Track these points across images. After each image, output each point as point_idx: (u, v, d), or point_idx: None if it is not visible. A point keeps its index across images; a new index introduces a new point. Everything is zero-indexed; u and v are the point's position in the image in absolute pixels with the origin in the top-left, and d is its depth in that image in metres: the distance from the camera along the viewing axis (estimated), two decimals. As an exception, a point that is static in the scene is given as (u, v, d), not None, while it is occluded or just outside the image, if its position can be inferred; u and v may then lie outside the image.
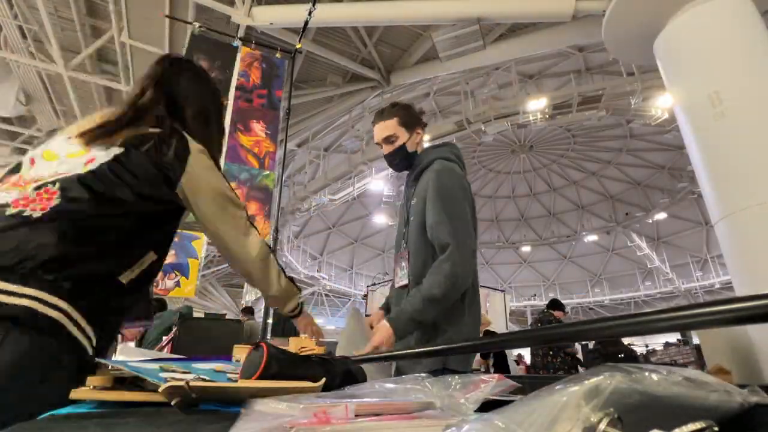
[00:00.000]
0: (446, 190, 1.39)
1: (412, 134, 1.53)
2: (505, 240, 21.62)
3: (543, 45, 7.18)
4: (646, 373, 0.28)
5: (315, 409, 0.38)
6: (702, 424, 0.24)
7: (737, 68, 3.92)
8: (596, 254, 20.65)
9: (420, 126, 1.56)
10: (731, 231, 3.69)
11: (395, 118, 1.51)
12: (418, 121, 1.56)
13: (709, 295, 16.46)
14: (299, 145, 11.49)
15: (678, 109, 4.43)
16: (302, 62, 7.68)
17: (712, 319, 0.33)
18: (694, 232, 17.88)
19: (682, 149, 10.06)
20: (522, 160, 18.28)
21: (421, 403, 0.43)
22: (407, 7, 5.88)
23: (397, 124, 1.51)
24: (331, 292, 19.13)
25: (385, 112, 1.55)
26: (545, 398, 0.26)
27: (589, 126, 13.27)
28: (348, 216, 19.22)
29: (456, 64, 7.27)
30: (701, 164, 4.05)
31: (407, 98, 11.62)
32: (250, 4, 5.64)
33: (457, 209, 1.37)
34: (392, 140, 1.51)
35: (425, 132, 1.65)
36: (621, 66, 8.52)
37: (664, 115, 8.73)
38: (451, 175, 1.43)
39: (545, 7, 5.43)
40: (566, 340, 0.43)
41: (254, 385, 0.54)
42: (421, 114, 1.61)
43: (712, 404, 0.28)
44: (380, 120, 1.53)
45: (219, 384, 0.54)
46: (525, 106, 9.00)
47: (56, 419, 0.45)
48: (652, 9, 4.40)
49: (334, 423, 0.35)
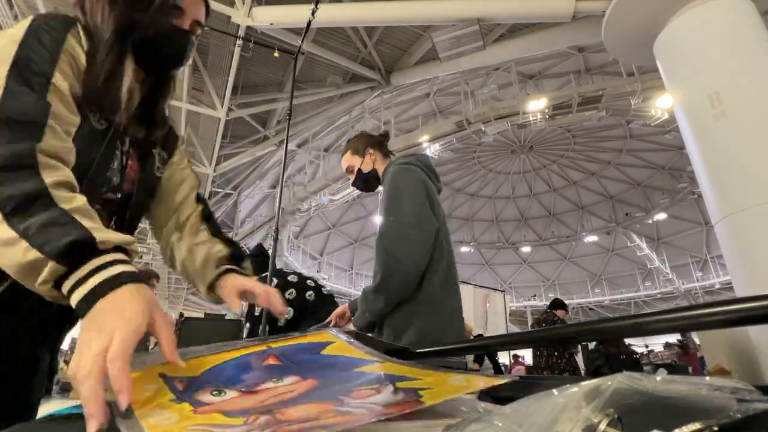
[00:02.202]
0: (390, 188, 1.48)
1: (364, 157, 1.68)
2: (505, 240, 21.63)
3: (543, 45, 7.19)
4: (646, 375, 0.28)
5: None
6: (702, 425, 0.24)
7: (737, 68, 3.92)
8: (596, 255, 20.66)
9: (371, 146, 1.69)
10: (731, 231, 3.69)
11: (348, 151, 1.72)
12: (369, 143, 1.70)
13: (709, 295, 16.46)
14: (299, 145, 11.50)
15: (678, 109, 4.44)
16: (302, 63, 7.69)
17: (713, 320, 0.33)
18: (694, 232, 17.88)
19: (682, 149, 10.08)
20: (522, 161, 18.29)
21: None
22: (407, 8, 5.89)
23: (350, 155, 1.71)
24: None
25: (342, 150, 1.76)
26: (545, 399, 0.26)
27: (589, 126, 13.28)
28: (348, 216, 19.23)
29: (456, 64, 7.27)
30: (701, 164, 4.05)
31: (407, 98, 11.64)
32: (250, 4, 5.64)
33: (396, 200, 1.43)
34: (351, 170, 1.71)
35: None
36: (621, 66, 8.52)
37: (664, 115, 8.73)
38: (403, 174, 1.49)
39: (545, 8, 5.43)
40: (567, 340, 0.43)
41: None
42: (379, 134, 1.75)
43: (713, 404, 0.28)
44: (341, 156, 1.76)
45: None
46: (525, 107, 9.00)
47: (56, 419, 0.44)
48: (652, 9, 4.40)
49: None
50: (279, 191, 3.91)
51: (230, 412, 0.40)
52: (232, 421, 0.38)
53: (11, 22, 5.83)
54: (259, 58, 7.56)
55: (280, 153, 9.50)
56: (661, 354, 9.41)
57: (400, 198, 1.42)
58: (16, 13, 5.89)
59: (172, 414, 0.39)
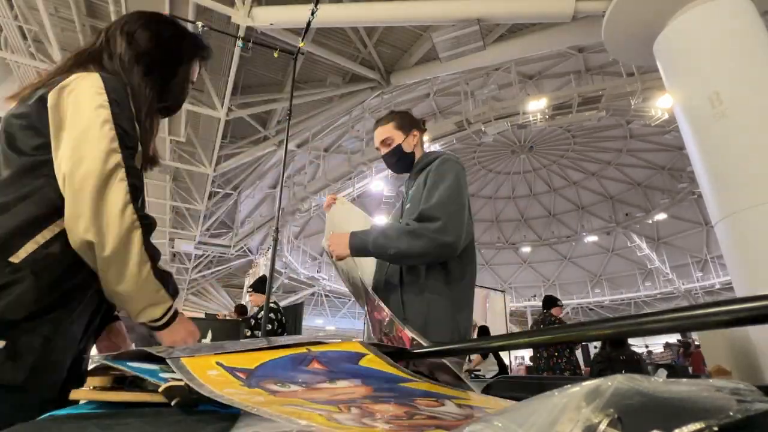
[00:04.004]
0: (447, 174, 1.42)
1: (408, 136, 1.61)
2: (505, 240, 21.63)
3: (543, 46, 7.19)
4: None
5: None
6: (702, 425, 0.24)
7: (737, 68, 3.92)
8: (596, 255, 20.66)
9: (416, 128, 1.63)
10: (731, 231, 3.69)
11: (391, 123, 1.62)
12: (415, 124, 1.64)
13: (709, 295, 16.45)
14: (299, 145, 11.50)
15: (678, 109, 4.44)
16: (302, 63, 7.69)
17: (713, 320, 0.33)
18: (694, 232, 17.88)
19: (682, 150, 10.07)
20: (522, 161, 18.29)
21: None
22: (407, 8, 5.89)
23: (393, 127, 1.61)
24: (331, 293, 19.12)
25: (382, 118, 1.66)
26: (546, 399, 0.26)
27: (589, 126, 13.29)
28: (348, 216, 19.19)
29: (456, 64, 7.27)
30: (701, 164, 4.05)
31: (407, 99, 11.64)
32: (250, 4, 5.64)
33: (446, 184, 1.38)
34: (389, 142, 1.61)
35: (425, 134, 1.69)
36: (621, 66, 8.52)
37: (664, 115, 8.73)
38: (454, 166, 1.47)
39: (545, 8, 5.43)
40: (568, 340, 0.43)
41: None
42: (421, 120, 1.68)
43: (713, 405, 0.28)
44: (378, 126, 1.65)
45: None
46: (525, 107, 9.00)
47: (56, 419, 0.44)
48: (652, 9, 4.40)
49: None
50: (279, 191, 3.91)
51: (317, 400, 0.39)
52: (326, 408, 0.37)
53: (11, 22, 5.82)
54: (259, 59, 7.57)
55: (280, 153, 9.50)
56: (661, 355, 9.42)
57: (458, 188, 1.39)
58: (16, 14, 5.88)
59: (257, 396, 0.39)
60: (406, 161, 1.61)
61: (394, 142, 1.60)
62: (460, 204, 1.37)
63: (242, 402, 0.35)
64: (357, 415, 0.35)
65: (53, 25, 5.84)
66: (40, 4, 5.45)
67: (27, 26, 6.00)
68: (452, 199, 1.35)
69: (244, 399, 0.36)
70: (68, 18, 5.98)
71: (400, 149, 1.60)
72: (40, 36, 6.12)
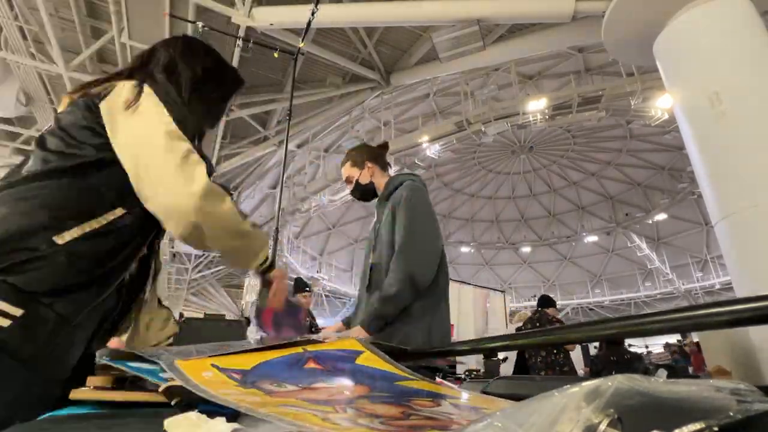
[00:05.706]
0: (415, 202, 1.59)
1: (363, 169, 1.78)
2: (505, 240, 21.63)
3: (543, 46, 7.18)
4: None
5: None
6: (702, 425, 0.24)
7: (737, 68, 3.92)
8: (596, 255, 20.65)
9: (370, 160, 1.79)
10: (731, 231, 3.69)
11: (348, 162, 1.82)
12: (370, 156, 1.80)
13: (709, 295, 16.45)
14: (299, 145, 11.50)
15: (678, 109, 4.43)
16: (302, 63, 7.69)
17: (713, 320, 0.33)
18: (694, 232, 17.87)
19: (682, 150, 10.07)
20: (522, 161, 18.29)
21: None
22: (407, 8, 5.88)
23: (349, 166, 1.81)
24: (331, 293, 19.12)
25: (342, 160, 1.86)
26: (546, 399, 0.26)
27: (589, 127, 13.29)
28: (348, 217, 19.21)
29: (456, 64, 7.27)
30: (701, 164, 4.04)
31: (407, 99, 11.65)
32: (250, 4, 5.64)
33: (419, 219, 1.56)
34: (350, 180, 1.80)
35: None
36: (621, 66, 8.52)
37: (664, 115, 8.73)
38: (421, 193, 1.64)
39: (545, 8, 5.43)
40: (569, 340, 0.42)
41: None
42: (379, 145, 1.87)
43: (713, 405, 0.28)
44: (341, 166, 1.85)
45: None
46: (525, 107, 9.00)
47: (56, 419, 0.44)
48: (652, 9, 4.40)
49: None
50: (279, 191, 3.92)
51: (313, 400, 0.39)
52: (322, 408, 0.37)
53: (11, 23, 5.82)
54: (259, 59, 7.56)
55: (280, 153, 9.50)
56: (659, 356, 9.42)
57: (418, 217, 1.56)
58: (17, 14, 5.88)
59: (253, 397, 0.39)
60: (368, 191, 1.79)
61: (353, 178, 1.79)
62: (430, 236, 1.56)
63: (237, 402, 0.36)
64: (353, 415, 0.35)
65: (53, 26, 5.84)
66: (41, 4, 5.44)
67: (27, 26, 6.00)
68: (419, 236, 1.53)
69: (239, 399, 0.36)
70: (68, 18, 5.98)
71: (359, 184, 1.79)
72: (41, 36, 6.11)
